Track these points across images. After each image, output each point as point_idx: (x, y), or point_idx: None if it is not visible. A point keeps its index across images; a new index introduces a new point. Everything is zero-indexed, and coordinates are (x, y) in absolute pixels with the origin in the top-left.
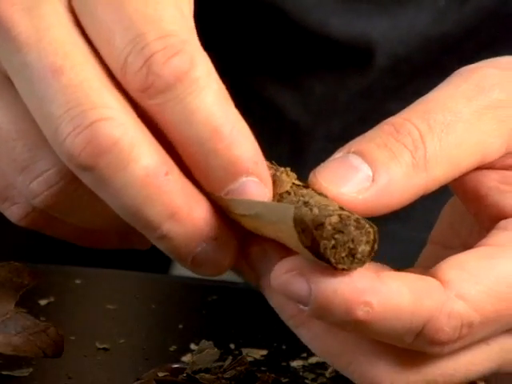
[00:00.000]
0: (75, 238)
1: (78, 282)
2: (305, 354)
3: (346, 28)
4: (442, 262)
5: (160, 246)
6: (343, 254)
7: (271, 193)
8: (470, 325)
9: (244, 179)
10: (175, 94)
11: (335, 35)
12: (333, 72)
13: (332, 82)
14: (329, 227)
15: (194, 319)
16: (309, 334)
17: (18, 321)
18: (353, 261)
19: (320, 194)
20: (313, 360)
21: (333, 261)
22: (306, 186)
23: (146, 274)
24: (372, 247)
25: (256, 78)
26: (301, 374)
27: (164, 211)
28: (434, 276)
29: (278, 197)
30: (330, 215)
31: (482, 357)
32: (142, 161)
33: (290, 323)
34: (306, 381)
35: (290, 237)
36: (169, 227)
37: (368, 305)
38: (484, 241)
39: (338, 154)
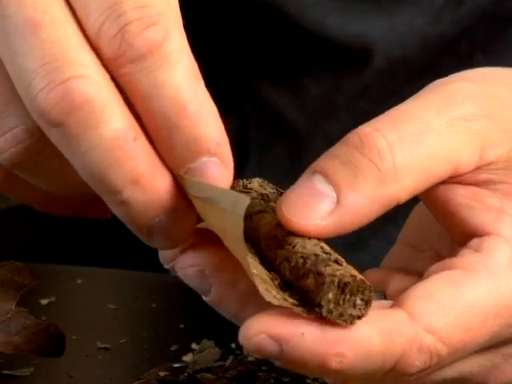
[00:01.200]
0: (38, 203)
1: (79, 281)
2: None
3: (343, 28)
4: (409, 291)
5: (118, 212)
6: (339, 310)
7: (231, 176)
8: (439, 356)
9: (205, 159)
10: (145, 66)
11: (332, 35)
12: (329, 72)
13: (328, 83)
14: (332, 287)
15: (195, 319)
16: None
17: (18, 320)
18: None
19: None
20: None
21: (325, 313)
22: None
23: (147, 273)
24: (367, 302)
25: (253, 79)
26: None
27: (128, 176)
28: (401, 305)
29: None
30: (334, 275)
31: (445, 375)
32: (112, 122)
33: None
34: (307, 380)
35: (235, 229)
36: (130, 193)
37: (341, 355)
38: (454, 261)
39: (303, 176)
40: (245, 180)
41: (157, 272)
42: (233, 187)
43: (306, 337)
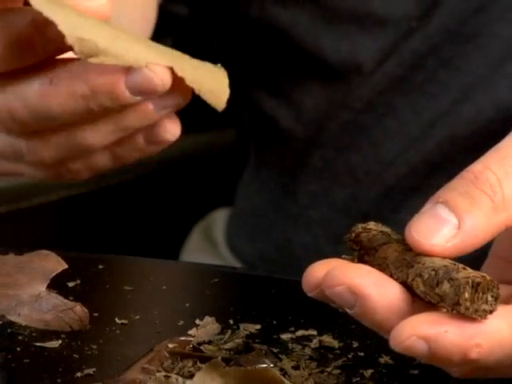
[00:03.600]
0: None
1: (100, 267)
2: (293, 328)
3: (335, 48)
4: None
5: None
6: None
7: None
8: None
9: None
10: None
11: (326, 55)
12: (322, 86)
13: (322, 96)
14: (468, 287)
15: (199, 298)
16: None
17: (49, 300)
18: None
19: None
20: (299, 333)
21: (463, 310)
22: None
23: (159, 260)
24: (495, 297)
25: (253, 92)
26: (289, 345)
27: None
28: None
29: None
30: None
31: None
32: None
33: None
34: (294, 351)
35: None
36: None
37: (479, 346)
38: None
39: (427, 205)
40: (362, 224)
41: (167, 259)
42: (352, 230)
43: (449, 334)
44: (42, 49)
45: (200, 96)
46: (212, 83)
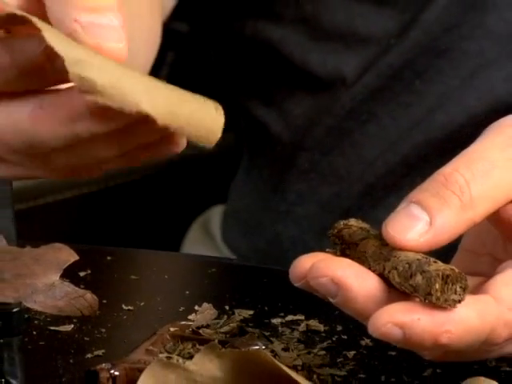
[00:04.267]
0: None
1: (109, 258)
2: (282, 314)
3: (322, 64)
4: (491, 281)
5: None
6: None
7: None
8: None
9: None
10: None
11: (313, 69)
12: (310, 97)
13: (309, 105)
14: (438, 279)
15: (198, 287)
16: None
17: (62, 288)
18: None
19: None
20: (288, 318)
21: (434, 300)
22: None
23: (161, 252)
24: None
25: (248, 101)
26: (279, 329)
27: None
28: (486, 291)
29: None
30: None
31: None
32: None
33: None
34: (284, 334)
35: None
36: None
37: (448, 332)
38: None
39: (402, 205)
40: (344, 220)
41: (169, 251)
42: (335, 227)
43: (421, 321)
44: (51, 77)
45: (190, 138)
46: (206, 121)
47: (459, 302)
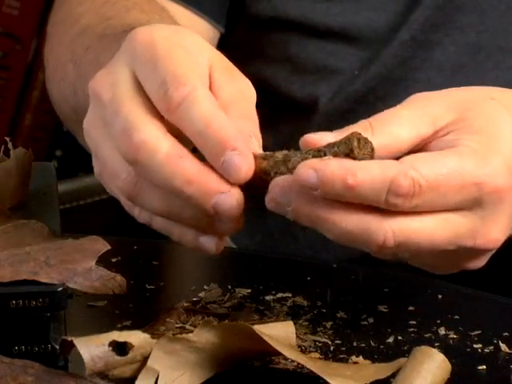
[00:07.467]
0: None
1: (135, 247)
2: (274, 292)
3: (300, 90)
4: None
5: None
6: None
7: (251, 161)
8: (420, 186)
9: (229, 152)
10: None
11: (294, 95)
12: (294, 117)
13: (294, 124)
14: (355, 139)
15: (206, 270)
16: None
17: (97, 272)
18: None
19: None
20: (279, 295)
21: (356, 154)
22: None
23: (176, 242)
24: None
25: None
26: (272, 304)
27: (180, 178)
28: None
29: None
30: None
31: (430, 225)
32: (162, 151)
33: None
34: (275, 308)
35: None
36: (187, 189)
37: (354, 175)
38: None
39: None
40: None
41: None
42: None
43: (331, 164)
44: None
45: None
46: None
47: (372, 157)
